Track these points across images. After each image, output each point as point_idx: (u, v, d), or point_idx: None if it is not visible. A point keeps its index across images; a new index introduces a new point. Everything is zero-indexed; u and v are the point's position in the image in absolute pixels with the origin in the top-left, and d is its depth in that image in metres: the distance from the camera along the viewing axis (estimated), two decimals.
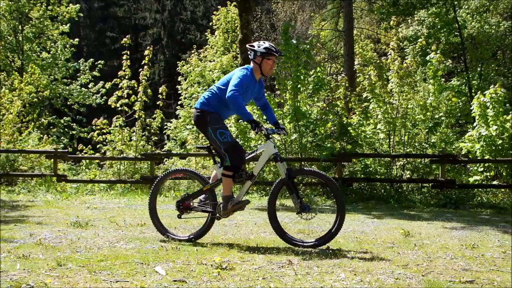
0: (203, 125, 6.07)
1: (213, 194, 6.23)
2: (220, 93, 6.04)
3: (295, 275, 4.47)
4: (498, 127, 12.82)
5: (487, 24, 24.80)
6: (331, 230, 5.83)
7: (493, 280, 4.37)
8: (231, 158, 5.94)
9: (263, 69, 6.10)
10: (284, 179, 5.93)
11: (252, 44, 6.21)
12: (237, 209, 6.07)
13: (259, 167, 6.15)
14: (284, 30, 13.72)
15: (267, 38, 29.04)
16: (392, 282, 4.26)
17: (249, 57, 6.22)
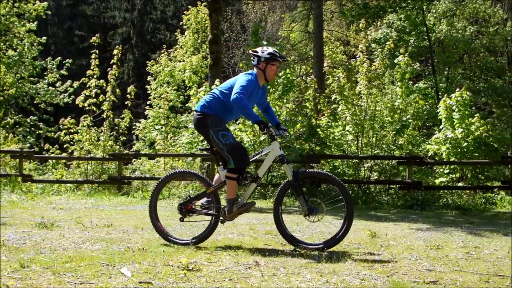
0: (204, 128, 5.97)
1: (216, 197, 6.13)
2: (223, 97, 5.95)
3: (262, 276, 4.47)
4: (464, 129, 13.03)
5: (454, 29, 25.20)
6: (338, 234, 5.79)
7: (456, 280, 4.43)
8: (235, 160, 5.85)
9: (267, 74, 6.03)
10: (291, 181, 5.86)
11: (255, 50, 6.15)
12: (242, 211, 6.01)
13: (265, 169, 6.07)
14: (254, 31, 13.75)
15: (238, 39, 29.05)
16: (357, 283, 4.29)
17: (252, 63, 6.16)
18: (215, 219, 6.07)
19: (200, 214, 6.18)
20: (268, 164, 6.02)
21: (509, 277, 4.60)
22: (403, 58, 14.43)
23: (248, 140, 13.73)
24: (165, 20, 37.08)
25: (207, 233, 6.10)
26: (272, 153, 5.95)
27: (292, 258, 5.28)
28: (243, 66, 14.23)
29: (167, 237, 6.15)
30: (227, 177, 5.90)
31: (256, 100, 6.17)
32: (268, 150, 6.01)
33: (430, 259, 5.36)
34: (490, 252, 5.88)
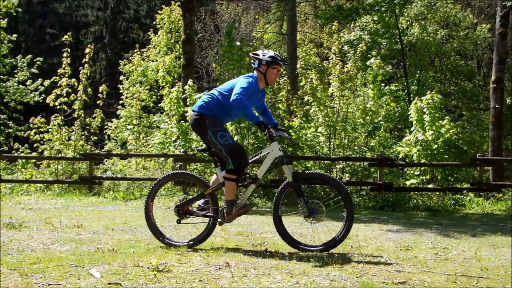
0: (202, 128, 5.90)
1: (214, 198, 6.06)
2: (222, 98, 5.89)
3: (232, 277, 4.47)
4: (434, 132, 13.19)
5: (426, 32, 25.49)
6: (338, 236, 5.78)
7: (424, 281, 4.48)
8: (234, 161, 5.77)
9: (268, 78, 6.00)
10: (291, 182, 5.81)
11: (256, 53, 6.09)
12: (242, 213, 5.96)
13: (264, 170, 6.00)
14: (228, 31, 13.72)
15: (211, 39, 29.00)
16: (327, 284, 4.31)
17: (252, 66, 6.10)
18: (213, 221, 6.00)
19: (197, 216, 6.10)
20: (268, 165, 5.96)
21: (475, 277, 4.67)
22: (375, 61, 14.56)
23: None
24: (138, 19, 36.85)
25: (205, 235, 6.04)
26: (271, 154, 5.89)
27: (263, 259, 5.28)
28: (216, 66, 14.19)
29: (163, 240, 6.06)
30: (226, 178, 5.83)
31: (255, 103, 6.10)
32: (267, 151, 5.94)
33: (400, 260, 5.41)
34: (458, 253, 5.96)
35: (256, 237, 6.86)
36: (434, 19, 27.32)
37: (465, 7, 30.17)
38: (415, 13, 26.02)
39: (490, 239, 7.22)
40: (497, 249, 6.37)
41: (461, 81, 28.26)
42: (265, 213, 10.13)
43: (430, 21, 27.12)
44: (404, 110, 18.01)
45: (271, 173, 13.56)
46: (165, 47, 22.35)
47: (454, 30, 28.54)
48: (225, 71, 14.14)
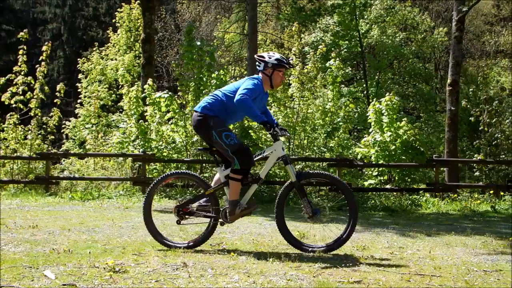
0: (205, 129, 5.79)
1: (215, 199, 5.97)
2: (226, 100, 5.81)
3: (189, 277, 4.45)
4: (392, 133, 13.39)
5: (385, 35, 25.86)
6: (342, 236, 5.78)
7: (379, 280, 4.55)
8: (240, 161, 5.67)
9: (273, 81, 5.95)
10: (294, 182, 5.78)
11: (261, 55, 6.01)
12: (245, 214, 5.88)
13: (267, 169, 5.95)
14: (188, 31, 13.67)
15: (171, 38, 28.84)
16: (284, 284, 4.34)
17: (257, 68, 6.01)
18: (213, 221, 5.92)
19: (198, 216, 5.99)
20: (270, 164, 5.92)
21: (429, 276, 4.76)
22: (334, 62, 14.70)
23: (180, 140, 13.66)
24: (97, 17, 36.34)
25: (206, 236, 5.96)
26: (274, 153, 5.85)
27: (221, 259, 5.28)
28: (176, 66, 14.12)
29: (162, 241, 5.97)
30: (231, 178, 5.73)
31: (259, 105, 5.99)
32: (270, 150, 5.89)
33: (356, 259, 5.48)
34: (412, 252, 6.06)
35: (215, 237, 6.83)
36: (393, 22, 27.77)
37: (423, 10, 30.73)
38: (374, 16, 26.39)
39: (444, 239, 7.37)
40: (450, 248, 6.51)
41: (419, 83, 28.81)
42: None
43: (389, 24, 27.56)
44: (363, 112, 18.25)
45: None
46: (124, 45, 22.10)
47: (413, 33, 29.07)
48: (185, 71, 14.10)
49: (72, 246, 5.75)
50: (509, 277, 4.80)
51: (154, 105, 13.86)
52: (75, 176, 13.84)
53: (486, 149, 16.74)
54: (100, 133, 17.62)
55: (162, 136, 13.87)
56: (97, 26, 35.50)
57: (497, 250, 6.52)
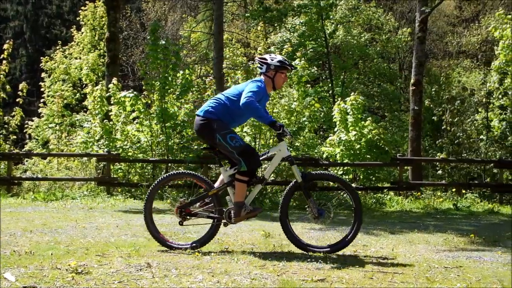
0: (209, 132, 5.72)
1: (218, 199, 5.88)
2: (229, 104, 5.77)
3: (153, 278, 4.43)
4: (357, 132, 13.53)
5: (350, 35, 26.08)
6: (347, 237, 5.78)
7: (342, 277, 4.59)
8: (247, 163, 5.62)
9: (276, 82, 5.93)
10: (300, 182, 5.77)
11: (264, 57, 5.99)
12: (251, 216, 5.83)
13: (271, 170, 5.91)
14: (152, 30, 13.57)
15: (137, 37, 28.61)
16: (248, 283, 4.35)
17: (259, 70, 6.00)
18: (217, 222, 5.87)
19: (201, 217, 5.93)
20: (275, 165, 5.88)
21: (391, 273, 4.82)
22: (300, 62, 14.78)
23: (146, 140, 13.57)
24: (61, 15, 35.83)
25: (209, 237, 5.91)
26: (279, 154, 5.82)
27: (185, 259, 5.26)
28: (141, 65, 14.02)
29: (164, 242, 5.90)
30: (238, 179, 5.68)
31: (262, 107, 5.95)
32: (274, 151, 5.86)
33: (320, 258, 5.51)
34: (376, 250, 6.14)
35: (180, 237, 6.82)
36: (358, 22, 28.03)
37: (387, 11, 31.10)
38: (340, 16, 26.60)
39: (407, 236, 7.48)
40: (413, 245, 6.61)
41: (383, 83, 29.14)
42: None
43: (354, 24, 27.81)
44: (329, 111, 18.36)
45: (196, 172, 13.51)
46: (89, 44, 21.83)
47: (377, 34, 29.38)
48: (150, 70, 14.00)
49: (34, 248, 5.66)
50: (468, 273, 4.90)
51: (119, 104, 13.75)
52: (38, 177, 13.62)
53: (448, 148, 17.04)
54: (64, 132, 17.38)
55: (127, 136, 13.76)
56: (61, 24, 35.03)
57: (458, 247, 6.65)
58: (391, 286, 4.37)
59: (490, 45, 26.17)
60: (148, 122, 13.52)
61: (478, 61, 28.46)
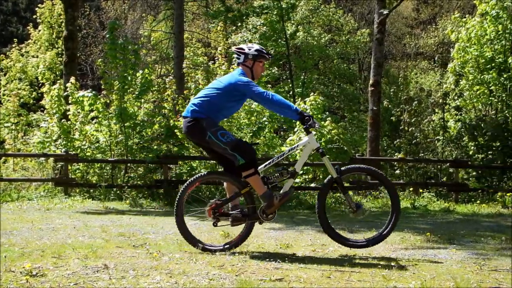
0: (199, 132, 5.63)
1: (251, 197, 5.81)
2: (214, 98, 5.67)
3: (110, 279, 4.38)
4: (317, 132, 13.62)
5: (310, 36, 26.26)
6: (384, 231, 5.83)
7: (300, 277, 4.62)
8: (242, 155, 5.55)
9: (254, 72, 5.88)
10: (336, 178, 5.76)
11: (241, 47, 5.93)
12: (284, 202, 5.75)
13: (302, 162, 5.86)
14: (110, 28, 13.42)
15: (96, 36, 28.27)
16: (206, 283, 4.34)
17: (237, 61, 5.93)
18: (250, 221, 5.82)
19: (235, 217, 5.85)
20: (305, 157, 5.84)
21: (348, 272, 4.88)
22: None
23: (105, 140, 13.42)
24: (17, 13, 35.09)
25: (243, 237, 5.86)
26: (308, 146, 5.80)
27: (143, 260, 5.22)
28: (100, 64, 13.84)
29: (197, 244, 5.82)
30: (246, 176, 5.62)
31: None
32: (304, 143, 5.85)
33: (279, 257, 5.53)
34: (334, 249, 6.19)
35: (138, 238, 6.76)
36: (318, 23, 28.25)
37: (347, 12, 31.44)
38: (300, 17, 26.77)
39: (365, 235, 7.56)
40: None
41: (343, 83, 29.43)
42: (148, 214, 10.03)
43: (315, 25, 28.02)
44: None
45: (156, 172, 13.43)
46: (46, 42, 21.47)
47: (337, 35, 29.67)
48: (109, 69, 13.83)
49: None
50: (423, 271, 4.99)
51: (77, 104, 13.55)
52: None
53: (406, 148, 17.32)
54: (20, 132, 17.06)
55: (86, 136, 13.58)
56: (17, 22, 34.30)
57: (415, 245, 6.75)
58: (348, 285, 4.41)
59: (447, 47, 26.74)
60: (107, 122, 13.36)
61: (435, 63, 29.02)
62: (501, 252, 6.26)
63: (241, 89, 5.68)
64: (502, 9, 15.22)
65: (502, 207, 11.98)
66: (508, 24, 15.38)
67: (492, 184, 13.76)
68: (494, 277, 4.77)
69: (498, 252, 6.26)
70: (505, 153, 14.13)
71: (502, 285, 4.50)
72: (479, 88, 15.91)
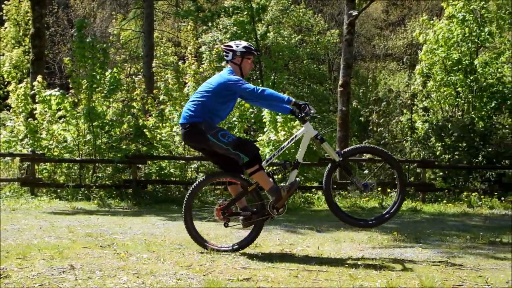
0: (200, 136, 5.60)
1: (258, 194, 5.79)
2: (207, 101, 5.64)
3: (76, 280, 4.33)
4: (286, 132, 13.66)
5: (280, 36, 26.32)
6: (390, 210, 5.86)
7: (268, 276, 4.63)
8: (245, 152, 5.55)
9: (243, 69, 5.87)
10: (339, 161, 5.77)
11: (229, 45, 5.90)
12: (292, 193, 5.76)
13: (303, 152, 5.85)
14: (78, 26, 13.25)
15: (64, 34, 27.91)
16: (173, 283, 4.32)
17: (225, 58, 5.91)
18: (260, 218, 5.78)
19: (244, 215, 5.83)
20: (305, 146, 5.84)
21: (316, 271, 4.91)
22: None
23: (72, 139, 13.26)
24: None
25: (253, 236, 5.83)
26: (307, 134, 5.81)
27: (110, 260, 5.18)
28: (67, 63, 13.68)
29: (205, 245, 5.80)
30: (252, 173, 5.61)
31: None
32: (301, 132, 5.85)
33: (247, 257, 5.54)
34: (302, 249, 6.23)
35: (106, 238, 6.70)
36: (289, 24, 28.33)
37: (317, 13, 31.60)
38: (270, 17, 26.82)
39: (333, 235, 7.62)
40: (338, 243, 6.74)
41: (313, 84, 29.57)
42: (117, 214, 9.94)
43: (285, 25, 28.10)
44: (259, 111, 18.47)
45: (125, 172, 13.33)
46: (13, 40, 21.13)
47: (307, 35, 29.81)
48: (77, 68, 13.66)
49: None
50: (389, 270, 5.05)
51: (45, 103, 13.37)
52: None
53: None
54: None
55: (53, 135, 13.40)
56: None
57: (382, 244, 6.83)
58: (315, 284, 4.44)
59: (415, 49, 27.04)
60: (75, 121, 13.21)
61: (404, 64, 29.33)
62: (466, 250, 6.37)
63: (231, 88, 5.68)
64: (468, 12, 15.46)
65: (468, 207, 12.18)
66: (474, 27, 15.64)
67: (458, 184, 13.95)
68: (458, 275, 4.85)
69: (463, 250, 6.37)
70: (471, 154, 14.35)
71: (465, 283, 4.57)
72: (446, 90, 16.13)
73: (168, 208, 11.30)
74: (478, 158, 14.19)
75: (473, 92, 15.71)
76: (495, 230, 8.42)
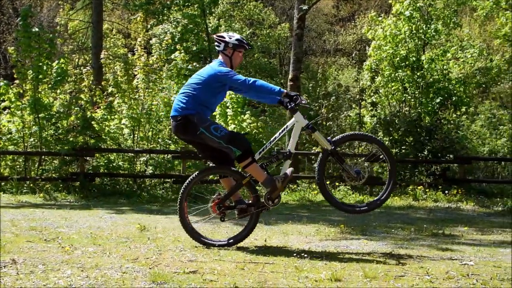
0: (191, 129, 5.52)
1: (252, 186, 5.78)
2: (197, 93, 5.58)
3: (17, 275, 4.24)
4: (236, 126, 13.70)
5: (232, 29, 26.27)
6: (382, 196, 5.85)
7: (214, 269, 4.64)
8: (237, 146, 5.53)
9: (233, 61, 5.80)
10: (331, 149, 5.71)
11: (221, 35, 5.80)
12: (286, 183, 5.79)
13: (294, 142, 5.79)
14: (23, 16, 12.90)
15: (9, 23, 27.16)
16: (118, 276, 4.28)
17: (216, 49, 5.81)
18: (256, 210, 5.74)
19: (240, 208, 5.79)
20: (297, 136, 5.78)
21: (262, 263, 4.94)
22: (179, 55, 14.75)
23: (17, 131, 12.95)
24: None
25: (250, 229, 5.78)
26: (297, 124, 5.74)
27: (54, 254, 5.09)
28: (12, 52, 13.33)
29: (199, 239, 5.75)
30: (245, 166, 5.60)
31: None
32: (292, 123, 5.77)
33: (194, 250, 5.54)
34: (250, 241, 6.24)
35: (50, 231, 6.58)
36: (240, 17, 28.31)
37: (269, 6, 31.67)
38: (221, 10, 26.74)
39: (281, 227, 7.69)
40: (286, 236, 6.81)
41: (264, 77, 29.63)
42: (63, 207, 9.77)
43: (236, 18, 28.07)
44: None
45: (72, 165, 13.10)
46: None
47: (258, 28, 29.86)
48: (23, 58, 13.33)
49: None
50: (335, 262, 5.13)
51: None
52: None
53: None
54: None
55: None
56: None
57: (328, 237, 6.94)
58: (261, 276, 4.47)
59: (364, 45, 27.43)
60: (20, 112, 12.89)
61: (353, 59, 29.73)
62: (410, 242, 6.54)
63: (222, 80, 5.65)
64: (415, 9, 15.77)
65: (413, 200, 12.50)
66: (421, 24, 15.97)
67: (404, 178, 14.25)
68: (401, 266, 4.97)
69: (407, 242, 6.53)
70: (417, 148, 14.67)
71: (407, 273, 4.69)
72: (394, 85, 16.43)
73: (116, 201, 11.19)
74: (424, 152, 14.51)
75: (419, 88, 16.05)
76: (439, 222, 8.67)
